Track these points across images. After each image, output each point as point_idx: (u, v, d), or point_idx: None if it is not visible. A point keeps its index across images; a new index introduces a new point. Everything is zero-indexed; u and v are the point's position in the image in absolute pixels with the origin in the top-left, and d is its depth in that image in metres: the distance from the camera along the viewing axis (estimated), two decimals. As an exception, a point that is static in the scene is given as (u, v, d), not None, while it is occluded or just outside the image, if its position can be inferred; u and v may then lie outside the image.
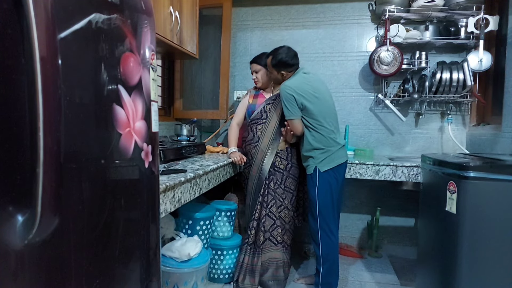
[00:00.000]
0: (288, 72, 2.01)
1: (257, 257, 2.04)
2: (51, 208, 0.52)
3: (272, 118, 2.11)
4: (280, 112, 2.07)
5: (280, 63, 1.98)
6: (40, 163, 0.49)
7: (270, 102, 2.15)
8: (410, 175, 2.15)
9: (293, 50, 2.01)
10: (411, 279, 2.23)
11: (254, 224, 2.07)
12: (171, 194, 1.24)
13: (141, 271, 0.81)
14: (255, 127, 2.15)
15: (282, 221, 2.08)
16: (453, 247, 1.45)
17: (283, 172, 2.09)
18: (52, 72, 0.50)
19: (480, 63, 2.33)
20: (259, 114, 2.15)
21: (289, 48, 2.01)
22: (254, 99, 2.24)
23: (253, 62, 2.20)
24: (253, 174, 2.11)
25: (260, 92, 2.25)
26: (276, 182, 2.08)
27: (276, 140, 2.10)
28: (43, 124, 0.49)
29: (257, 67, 2.18)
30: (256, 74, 2.19)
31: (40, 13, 0.48)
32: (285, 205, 2.09)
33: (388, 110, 2.64)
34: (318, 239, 1.92)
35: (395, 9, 2.44)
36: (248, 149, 2.15)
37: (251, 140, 2.15)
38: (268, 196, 2.07)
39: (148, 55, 0.81)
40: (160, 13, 1.76)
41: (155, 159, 0.85)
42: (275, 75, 2.05)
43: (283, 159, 2.10)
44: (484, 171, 1.38)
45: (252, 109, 2.20)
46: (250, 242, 2.06)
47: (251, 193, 2.13)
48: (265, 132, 2.10)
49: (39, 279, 0.54)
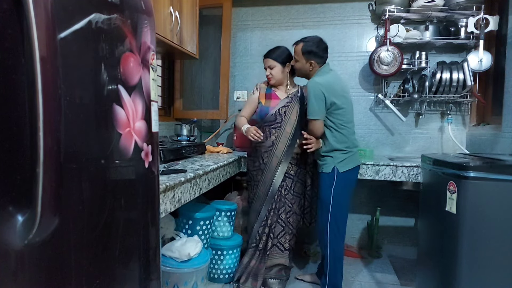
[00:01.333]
0: (317, 63, 1.90)
1: (263, 262, 2.02)
2: (51, 208, 0.52)
3: (288, 123, 1.99)
4: (297, 117, 1.99)
5: (312, 52, 1.88)
6: (40, 163, 0.49)
7: (286, 104, 2.02)
8: (410, 175, 2.15)
9: (325, 42, 1.94)
10: (411, 279, 2.23)
11: (266, 230, 2.02)
12: (171, 194, 1.24)
13: (141, 271, 0.81)
14: (268, 130, 2.02)
15: (290, 226, 2.06)
16: (453, 247, 1.45)
17: (293, 177, 2.05)
18: (52, 72, 0.50)
19: (480, 63, 2.33)
20: (273, 116, 2.01)
21: (322, 39, 1.94)
22: (267, 100, 2.07)
23: (268, 57, 2.02)
24: (266, 180, 2.02)
25: (272, 90, 2.08)
26: (286, 188, 2.04)
27: (291, 146, 2.00)
28: (43, 124, 0.49)
29: (272, 62, 2.00)
30: (271, 70, 2.02)
31: (40, 13, 0.48)
32: (294, 210, 2.07)
33: (388, 110, 2.64)
34: (326, 239, 1.90)
35: (395, 9, 2.44)
36: (260, 153, 2.05)
37: (264, 143, 2.03)
38: (279, 203, 2.03)
39: (148, 55, 0.81)
40: (160, 13, 1.76)
41: (155, 159, 0.85)
42: (301, 64, 1.92)
43: (293, 165, 2.04)
44: (484, 171, 1.38)
45: (265, 112, 2.03)
46: (260, 248, 2.02)
47: (262, 199, 2.03)
48: (280, 137, 1.99)
49: (39, 279, 0.54)
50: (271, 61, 2.00)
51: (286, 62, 2.02)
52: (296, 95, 2.06)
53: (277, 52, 2.01)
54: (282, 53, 2.01)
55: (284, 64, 2.02)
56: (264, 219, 2.03)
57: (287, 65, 2.02)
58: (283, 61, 2.01)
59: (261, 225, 2.04)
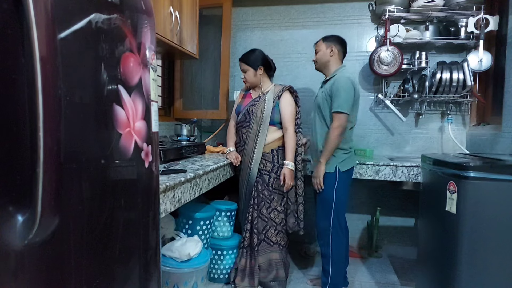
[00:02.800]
0: (338, 51, 1.95)
1: (254, 259, 2.04)
2: (51, 208, 0.52)
3: (255, 121, 2.07)
4: (261, 114, 2.05)
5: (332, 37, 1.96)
6: (40, 163, 0.49)
7: (253, 103, 2.11)
8: (410, 175, 2.15)
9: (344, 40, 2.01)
10: (411, 279, 2.23)
11: (248, 227, 2.06)
12: (171, 194, 1.24)
13: (141, 271, 0.81)
14: (240, 131, 2.15)
15: (273, 222, 2.08)
16: (453, 247, 1.45)
17: (269, 174, 2.08)
18: (52, 72, 0.50)
19: (480, 63, 2.33)
20: (243, 116, 2.12)
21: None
22: (242, 99, 2.21)
23: (241, 61, 2.11)
24: (243, 178, 2.11)
25: (249, 92, 2.20)
26: (262, 184, 2.08)
27: (260, 143, 2.06)
28: (43, 124, 0.49)
29: (245, 66, 2.09)
30: (244, 73, 2.11)
31: (40, 13, 0.48)
32: (273, 207, 2.08)
33: (388, 110, 2.64)
34: (329, 238, 1.91)
35: (395, 9, 2.44)
36: (239, 152, 2.15)
37: (239, 143, 2.17)
38: (257, 198, 2.07)
39: (148, 55, 0.81)
40: (160, 13, 1.76)
41: (155, 159, 0.85)
42: (322, 52, 1.96)
43: (268, 162, 2.08)
44: (484, 171, 1.38)
45: (238, 110, 2.18)
46: (246, 245, 2.05)
47: (243, 196, 2.12)
48: (249, 135, 2.09)
49: (39, 279, 0.54)
50: (244, 65, 2.10)
51: (259, 65, 2.09)
52: (264, 93, 2.12)
53: (251, 56, 2.09)
54: (256, 57, 2.09)
55: (257, 67, 2.08)
56: (247, 216, 2.07)
57: (260, 68, 2.09)
58: (256, 65, 2.08)
59: (245, 222, 2.07)
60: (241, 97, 2.23)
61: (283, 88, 2.10)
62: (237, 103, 2.24)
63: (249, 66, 2.07)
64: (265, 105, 2.07)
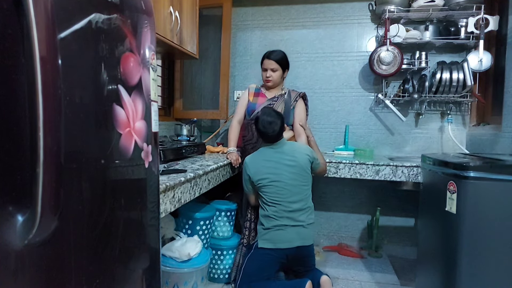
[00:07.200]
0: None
1: None
2: (51, 208, 0.52)
3: None
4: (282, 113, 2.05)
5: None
6: (40, 163, 0.49)
7: (272, 102, 2.12)
8: (410, 175, 2.15)
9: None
10: (411, 279, 2.23)
11: (247, 224, 2.06)
12: (171, 194, 1.24)
13: (141, 271, 0.81)
14: (254, 127, 2.12)
15: None
16: (453, 247, 1.45)
17: None
18: (52, 72, 0.50)
19: (480, 63, 2.33)
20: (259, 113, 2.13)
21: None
22: (254, 97, 2.18)
23: (272, 59, 2.04)
24: None
25: (260, 90, 2.20)
26: None
27: None
28: (43, 124, 0.49)
29: (276, 65, 2.04)
30: (272, 72, 2.06)
31: (40, 13, 0.48)
32: None
33: (388, 110, 2.64)
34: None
35: (395, 9, 2.44)
36: (247, 149, 2.14)
37: (250, 140, 2.14)
38: None
39: (148, 55, 0.81)
40: (160, 13, 1.76)
41: (155, 159, 0.85)
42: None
43: None
44: (484, 171, 1.38)
45: (252, 108, 2.15)
46: (245, 243, 2.05)
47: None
48: None
49: (39, 279, 0.54)
50: (275, 64, 2.05)
51: (286, 68, 2.11)
52: (282, 95, 2.14)
53: (283, 57, 2.08)
54: (286, 59, 2.09)
55: (285, 69, 2.10)
56: (246, 213, 2.07)
57: (286, 70, 2.11)
58: (285, 66, 2.09)
59: (245, 220, 2.07)
60: (252, 95, 2.19)
61: (299, 93, 2.15)
62: (248, 101, 2.18)
63: (280, 66, 2.06)
64: (284, 106, 2.09)
